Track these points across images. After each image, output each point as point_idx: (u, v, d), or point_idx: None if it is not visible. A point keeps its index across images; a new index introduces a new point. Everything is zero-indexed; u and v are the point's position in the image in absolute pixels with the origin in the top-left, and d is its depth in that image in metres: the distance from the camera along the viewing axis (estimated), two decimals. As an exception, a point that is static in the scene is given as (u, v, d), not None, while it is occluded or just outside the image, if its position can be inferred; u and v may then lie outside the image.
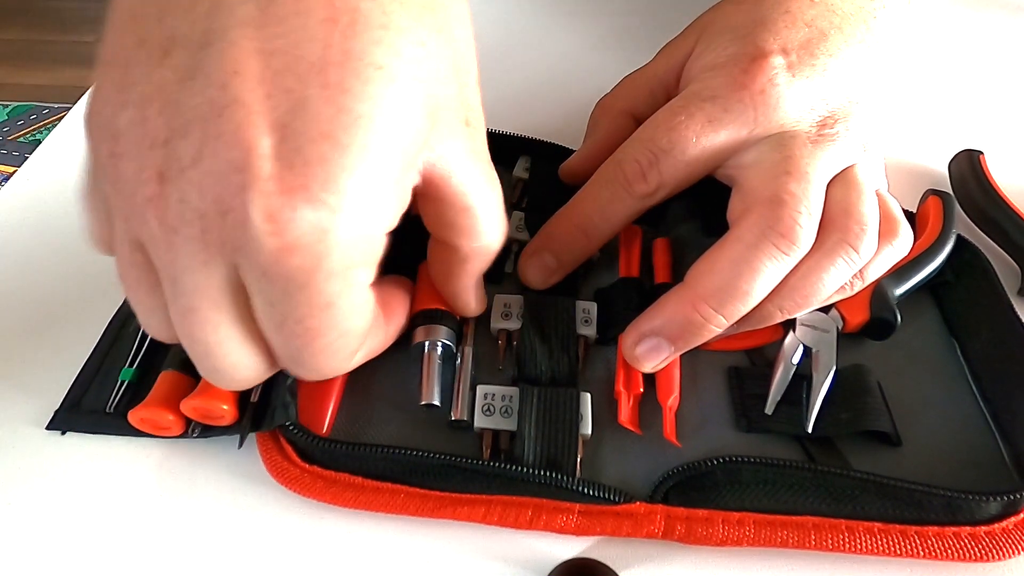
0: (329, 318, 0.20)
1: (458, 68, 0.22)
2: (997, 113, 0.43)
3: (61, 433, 0.27)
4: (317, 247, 0.18)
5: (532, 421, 0.25)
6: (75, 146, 0.41)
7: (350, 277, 0.20)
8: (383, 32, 0.19)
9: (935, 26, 0.50)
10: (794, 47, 0.27)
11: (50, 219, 0.36)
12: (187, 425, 0.26)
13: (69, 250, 0.34)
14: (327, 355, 0.21)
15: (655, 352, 0.26)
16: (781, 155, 0.26)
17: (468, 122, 0.23)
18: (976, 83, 0.45)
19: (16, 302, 0.32)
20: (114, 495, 0.26)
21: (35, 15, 2.05)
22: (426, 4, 0.20)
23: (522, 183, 0.35)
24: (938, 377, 0.29)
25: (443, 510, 0.24)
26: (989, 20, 0.51)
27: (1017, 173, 0.38)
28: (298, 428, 0.25)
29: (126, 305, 0.31)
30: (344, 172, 0.18)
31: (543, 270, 0.30)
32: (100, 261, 0.34)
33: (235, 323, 0.20)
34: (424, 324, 0.27)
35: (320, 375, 0.22)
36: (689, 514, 0.24)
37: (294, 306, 0.19)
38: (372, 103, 0.18)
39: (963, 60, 0.47)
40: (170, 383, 0.26)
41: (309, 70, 0.18)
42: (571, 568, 0.24)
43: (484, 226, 0.24)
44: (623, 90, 0.33)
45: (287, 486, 0.25)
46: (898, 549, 0.23)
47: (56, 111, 1.76)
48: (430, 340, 0.27)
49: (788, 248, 0.24)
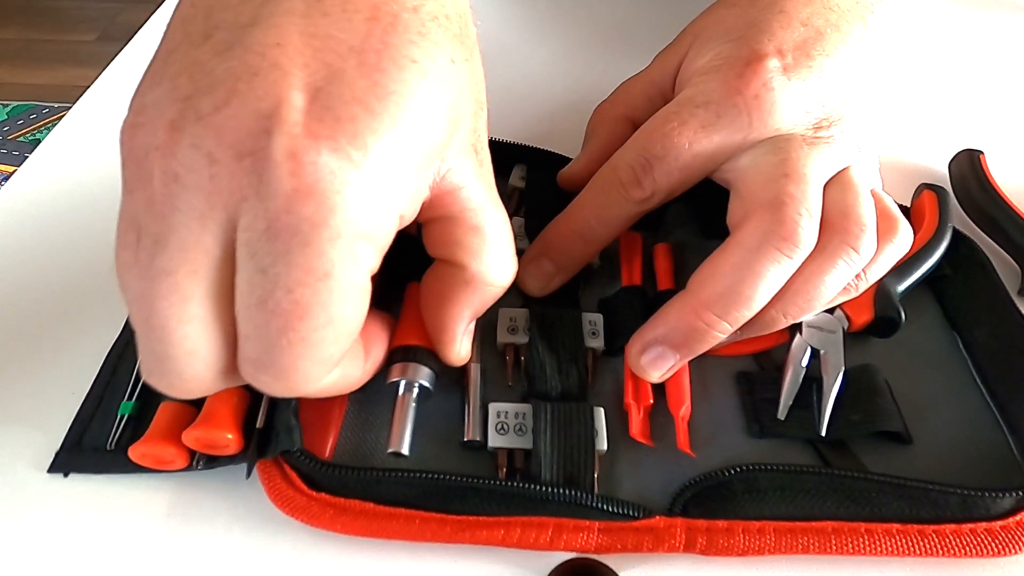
0: (321, 293, 0.18)
1: (476, 99, 0.23)
2: (997, 113, 0.43)
3: (64, 475, 0.26)
4: (332, 197, 0.18)
5: (547, 438, 0.25)
6: (75, 146, 0.40)
7: (354, 249, 0.18)
8: (420, 38, 0.20)
9: (935, 26, 0.50)
10: (789, 48, 0.27)
11: (50, 219, 0.36)
12: (191, 457, 0.25)
13: (69, 250, 0.34)
14: (303, 348, 0.19)
15: (661, 361, 0.26)
16: (778, 158, 0.26)
17: (477, 151, 0.23)
18: (976, 83, 0.46)
19: (13, 310, 0.32)
20: (123, 539, 0.25)
21: (35, 15, 2.05)
22: (458, 33, 0.22)
23: (519, 192, 0.35)
24: (942, 372, 0.29)
25: (461, 534, 0.24)
26: (989, 20, 0.51)
27: (1017, 173, 0.38)
28: (303, 454, 0.24)
29: (125, 332, 0.30)
30: (372, 134, 0.18)
31: (542, 276, 0.29)
32: (101, 261, 0.32)
33: (207, 300, 0.19)
34: (402, 361, 0.25)
35: (285, 380, 0.19)
36: (709, 526, 0.24)
37: (289, 269, 0.18)
38: (405, 87, 0.19)
39: (963, 60, 0.47)
40: (170, 414, 0.26)
41: (349, 51, 0.19)
42: (571, 568, 0.23)
43: (492, 251, 0.23)
44: (620, 96, 0.33)
45: (294, 516, 0.24)
46: (917, 549, 0.24)
47: (56, 111, 1.75)
48: (407, 380, 0.25)
49: (791, 251, 0.24)
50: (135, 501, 0.26)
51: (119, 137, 0.19)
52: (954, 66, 0.47)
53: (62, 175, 0.38)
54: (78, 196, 0.37)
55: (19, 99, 1.79)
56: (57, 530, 0.25)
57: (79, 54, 1.91)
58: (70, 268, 0.33)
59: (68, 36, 1.98)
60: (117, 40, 0.90)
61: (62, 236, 0.35)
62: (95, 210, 0.37)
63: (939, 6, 0.52)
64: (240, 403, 0.26)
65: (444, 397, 0.27)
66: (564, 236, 0.29)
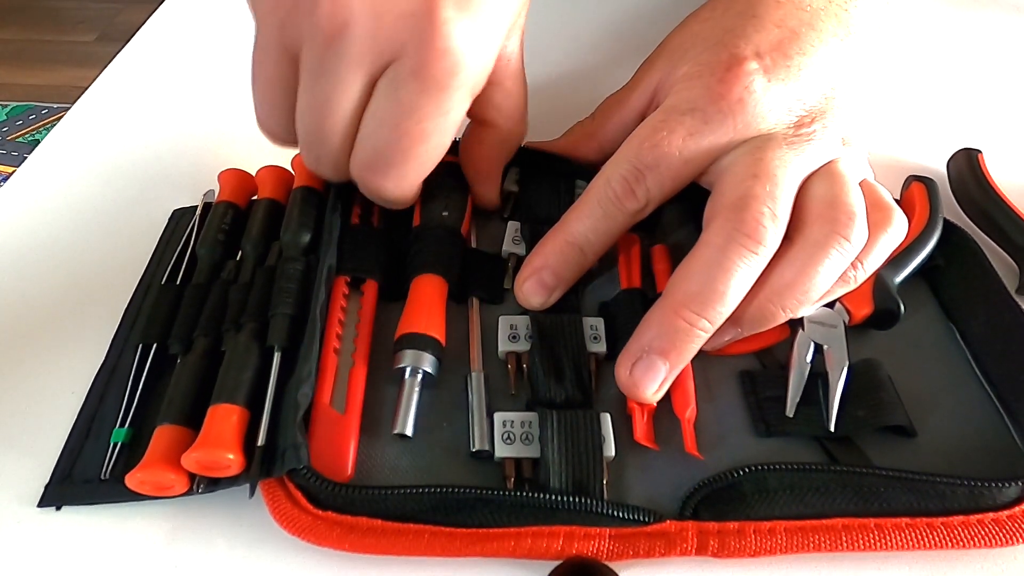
0: (440, 126, 0.25)
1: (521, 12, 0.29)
2: (995, 112, 0.44)
3: (56, 509, 0.25)
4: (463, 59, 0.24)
5: (555, 446, 0.25)
6: (74, 147, 0.40)
7: (466, 97, 0.25)
8: None
9: (932, 25, 0.50)
10: (766, 50, 0.28)
11: (49, 219, 0.36)
12: (192, 481, 0.25)
13: (68, 251, 0.34)
14: (413, 162, 0.26)
15: (651, 371, 0.26)
16: (753, 158, 0.26)
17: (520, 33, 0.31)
18: (974, 82, 0.46)
19: (12, 312, 0.32)
20: (123, 571, 0.24)
21: (34, 15, 2.04)
22: None
23: (513, 196, 0.34)
24: (941, 363, 0.30)
25: (472, 548, 0.23)
26: (987, 20, 0.51)
27: (1015, 172, 0.38)
28: (311, 472, 0.24)
29: (109, 359, 0.29)
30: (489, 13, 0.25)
31: (543, 291, 0.29)
32: (100, 262, 0.34)
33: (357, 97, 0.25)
34: (408, 348, 0.27)
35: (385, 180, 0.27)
36: (720, 528, 0.24)
37: (422, 104, 0.24)
38: None
39: (961, 59, 0.48)
40: (168, 438, 0.25)
41: None
42: (571, 568, 0.23)
43: (520, 112, 0.32)
44: (598, 118, 0.34)
45: (300, 536, 0.23)
46: (926, 542, 0.24)
47: (55, 111, 1.75)
48: (412, 366, 0.27)
49: (755, 247, 0.25)
50: (133, 530, 0.25)
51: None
52: (952, 65, 0.47)
53: (61, 176, 0.38)
54: (77, 197, 0.37)
55: (18, 99, 1.79)
56: (53, 567, 0.24)
57: (78, 54, 1.91)
58: (68, 269, 0.33)
59: (67, 36, 1.97)
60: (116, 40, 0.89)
61: (61, 236, 0.35)
62: (94, 211, 0.36)
63: (935, 6, 0.52)
64: (240, 422, 0.25)
65: (448, 406, 0.27)
66: (561, 249, 0.29)
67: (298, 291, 0.28)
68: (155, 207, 0.36)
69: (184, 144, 0.41)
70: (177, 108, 0.44)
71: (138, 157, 0.40)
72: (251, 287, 0.30)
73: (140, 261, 0.33)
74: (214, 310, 0.29)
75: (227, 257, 0.32)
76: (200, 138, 0.41)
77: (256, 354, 0.27)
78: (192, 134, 0.42)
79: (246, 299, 0.29)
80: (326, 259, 0.29)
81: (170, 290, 0.31)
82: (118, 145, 0.40)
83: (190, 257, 0.32)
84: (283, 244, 0.31)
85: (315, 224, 0.31)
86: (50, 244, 0.35)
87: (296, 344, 0.27)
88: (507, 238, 0.32)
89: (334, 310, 0.28)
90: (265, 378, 0.26)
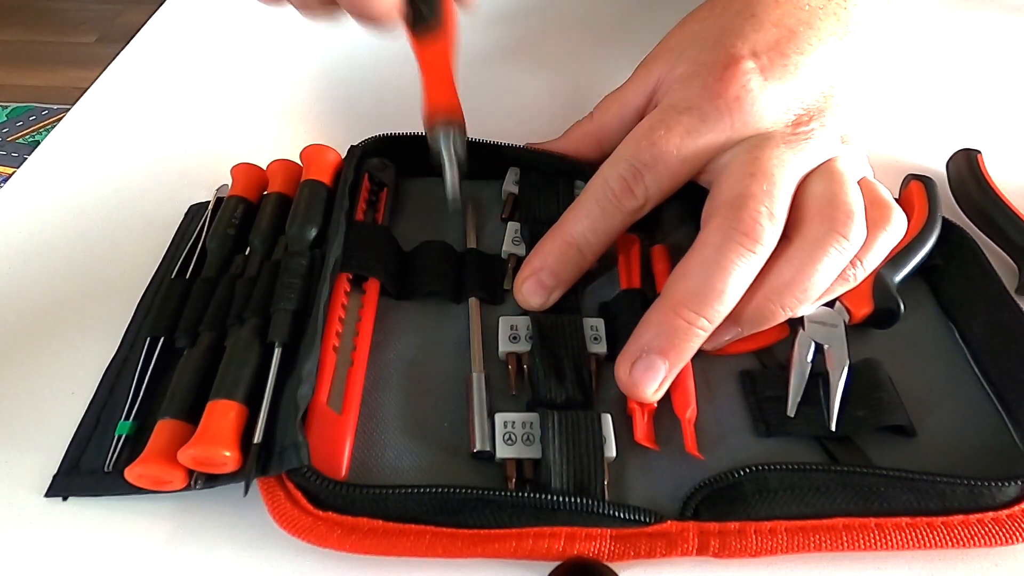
0: None
1: None
2: (995, 112, 0.44)
3: (62, 499, 0.25)
4: None
5: (556, 447, 0.25)
6: (74, 148, 0.40)
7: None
8: None
9: (932, 26, 0.50)
10: (764, 49, 0.28)
11: (47, 221, 0.36)
12: (190, 476, 0.24)
13: (67, 252, 0.34)
14: None
15: (651, 371, 0.26)
16: (750, 156, 0.26)
17: None
18: (974, 82, 0.46)
19: (11, 313, 0.31)
20: (124, 563, 0.24)
21: (34, 16, 2.04)
22: None
23: (512, 197, 0.34)
24: (941, 363, 0.30)
25: (473, 548, 0.23)
26: (987, 20, 0.52)
27: (1015, 172, 0.38)
28: (312, 472, 0.23)
29: (122, 349, 0.29)
30: None
31: (542, 291, 0.29)
32: (100, 263, 0.34)
33: None
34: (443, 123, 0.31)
35: None
36: (721, 528, 0.24)
37: None
38: None
39: (961, 59, 0.48)
40: (168, 433, 0.25)
41: None
42: (572, 568, 0.23)
43: None
44: (596, 116, 0.33)
45: (300, 537, 0.23)
46: (927, 541, 0.24)
47: (55, 112, 1.74)
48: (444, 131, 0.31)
49: (752, 246, 0.25)
50: (136, 523, 0.25)
51: None
52: (952, 66, 0.47)
53: (61, 177, 0.38)
54: (77, 198, 0.37)
55: (18, 101, 1.78)
56: (57, 555, 0.24)
57: (79, 56, 1.90)
58: (69, 273, 0.33)
59: (68, 38, 1.97)
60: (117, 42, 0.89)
61: (60, 238, 0.35)
62: (94, 212, 0.37)
63: (935, 5, 0.52)
64: (238, 418, 0.25)
65: (449, 407, 0.27)
66: (559, 250, 0.29)
67: (301, 286, 0.28)
68: (156, 207, 0.36)
69: (184, 144, 0.41)
70: (177, 109, 0.44)
71: (138, 158, 0.40)
72: (256, 281, 0.29)
73: (149, 256, 0.33)
74: (220, 304, 0.29)
75: (237, 251, 0.32)
76: (200, 138, 0.41)
77: (257, 351, 0.27)
78: (192, 134, 0.42)
79: (251, 293, 0.29)
80: (332, 254, 0.28)
81: (180, 284, 0.31)
82: (118, 146, 0.40)
83: (200, 251, 0.32)
84: (288, 238, 0.31)
85: (322, 219, 0.31)
86: (50, 244, 0.35)
87: (297, 340, 0.27)
88: (507, 239, 0.32)
89: (335, 308, 0.28)
90: (265, 374, 0.26)
